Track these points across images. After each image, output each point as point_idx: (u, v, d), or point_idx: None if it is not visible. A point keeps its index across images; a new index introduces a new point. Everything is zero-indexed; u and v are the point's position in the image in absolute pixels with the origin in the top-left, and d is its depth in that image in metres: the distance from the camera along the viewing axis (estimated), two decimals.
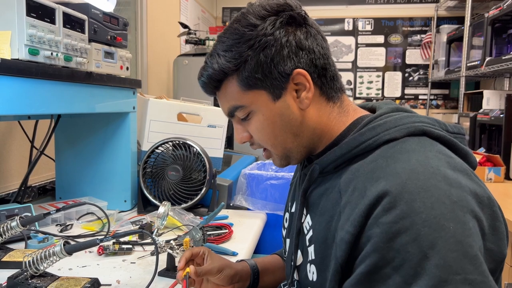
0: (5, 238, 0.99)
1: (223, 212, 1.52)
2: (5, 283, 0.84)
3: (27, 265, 0.84)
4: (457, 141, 0.66)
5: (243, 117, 0.73)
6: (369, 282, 0.56)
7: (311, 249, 0.70)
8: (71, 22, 1.12)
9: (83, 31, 1.18)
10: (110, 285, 0.93)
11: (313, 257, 0.69)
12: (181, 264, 0.84)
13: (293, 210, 0.83)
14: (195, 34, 2.93)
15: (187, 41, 2.94)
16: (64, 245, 0.83)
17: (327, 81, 0.71)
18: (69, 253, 0.84)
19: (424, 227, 0.52)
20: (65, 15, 1.09)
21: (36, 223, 1.24)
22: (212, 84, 0.72)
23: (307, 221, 0.73)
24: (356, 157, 0.66)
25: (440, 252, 0.51)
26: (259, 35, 0.67)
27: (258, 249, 1.48)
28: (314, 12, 4.48)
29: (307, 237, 0.72)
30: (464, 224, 0.53)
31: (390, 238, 0.53)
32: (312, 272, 0.70)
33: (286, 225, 0.88)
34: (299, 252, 0.75)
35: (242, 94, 0.71)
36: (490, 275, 0.53)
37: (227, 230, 1.27)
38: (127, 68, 1.48)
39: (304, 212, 0.75)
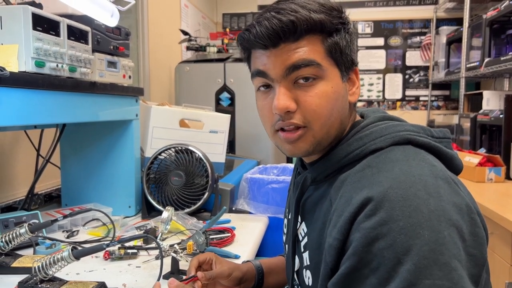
0: (14, 244, 1.02)
1: (226, 216, 1.55)
2: None
3: (37, 270, 0.87)
4: (442, 146, 0.69)
5: (309, 75, 0.68)
6: (348, 281, 0.59)
7: (305, 255, 0.74)
8: (75, 34, 1.15)
9: (86, 42, 1.21)
10: None
11: (308, 263, 0.73)
12: (190, 273, 0.87)
13: (289, 217, 0.86)
14: (195, 40, 2.96)
15: (188, 48, 2.98)
16: (72, 250, 0.86)
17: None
18: (77, 257, 0.87)
19: (400, 234, 0.55)
20: (69, 27, 1.12)
21: (44, 229, 1.27)
22: (301, 28, 0.66)
23: (302, 228, 0.76)
24: (345, 166, 0.69)
25: (413, 258, 0.54)
26: (346, 19, 0.71)
27: (260, 252, 1.50)
28: None
29: (302, 244, 0.76)
30: (438, 232, 0.55)
31: (368, 242, 0.57)
32: (308, 277, 0.74)
33: (285, 230, 0.91)
34: (296, 258, 0.78)
35: (323, 56, 0.68)
36: (463, 281, 0.55)
37: (229, 234, 1.30)
38: (130, 77, 1.51)
39: (299, 219, 0.78)
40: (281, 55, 0.67)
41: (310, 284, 0.73)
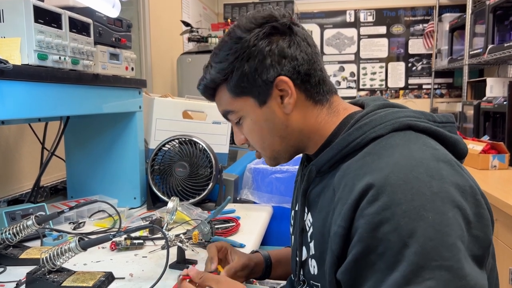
0: (21, 236, 1.03)
1: (230, 206, 1.56)
2: (25, 279, 0.89)
3: (45, 261, 0.88)
4: (445, 131, 0.69)
5: (236, 121, 0.80)
6: (356, 268, 0.60)
7: (312, 245, 0.75)
8: (76, 26, 1.15)
9: (88, 35, 1.21)
10: (123, 278, 0.97)
11: (314, 252, 0.74)
12: (214, 266, 0.90)
13: (297, 208, 0.87)
14: (197, 32, 2.95)
15: (189, 39, 2.97)
16: (79, 241, 0.87)
17: (311, 86, 0.75)
18: (84, 248, 0.88)
19: (404, 217, 0.55)
20: (71, 19, 1.12)
21: (50, 221, 1.28)
22: (208, 92, 0.81)
23: (309, 219, 0.77)
24: (347, 155, 0.69)
25: (418, 240, 0.54)
26: (243, 47, 0.73)
27: (265, 241, 1.51)
28: (315, 5, 4.49)
29: (309, 234, 0.76)
30: (443, 214, 0.55)
31: (373, 228, 0.57)
32: (313, 266, 0.74)
33: (292, 222, 0.92)
34: (304, 249, 0.79)
35: (232, 101, 0.77)
36: (468, 262, 0.55)
37: (234, 223, 1.31)
38: (132, 69, 1.51)
39: (306, 210, 0.79)
40: (217, 106, 0.83)
41: (316, 273, 0.74)
